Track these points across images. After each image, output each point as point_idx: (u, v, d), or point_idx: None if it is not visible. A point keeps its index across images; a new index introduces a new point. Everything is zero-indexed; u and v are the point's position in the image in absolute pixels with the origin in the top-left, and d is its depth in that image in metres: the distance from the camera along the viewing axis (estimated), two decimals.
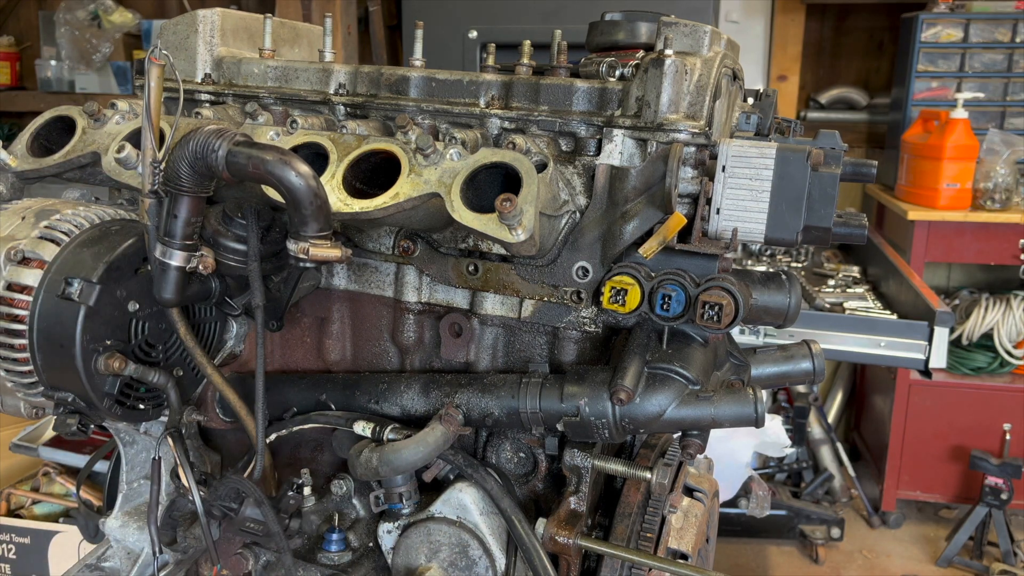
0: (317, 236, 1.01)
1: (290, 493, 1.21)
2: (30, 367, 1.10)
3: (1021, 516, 3.98)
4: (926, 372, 2.75)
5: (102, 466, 1.95)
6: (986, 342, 3.79)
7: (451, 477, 1.22)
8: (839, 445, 4.09)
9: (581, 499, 1.14)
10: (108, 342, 1.11)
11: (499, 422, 1.15)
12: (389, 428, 1.15)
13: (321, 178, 1.02)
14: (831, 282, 3.45)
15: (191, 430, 1.24)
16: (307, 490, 1.24)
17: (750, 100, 1.33)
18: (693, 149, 1.08)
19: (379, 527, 1.22)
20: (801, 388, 4.05)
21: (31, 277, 1.09)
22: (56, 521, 2.55)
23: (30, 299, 1.09)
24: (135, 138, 1.17)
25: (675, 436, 1.27)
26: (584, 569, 1.17)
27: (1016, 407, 3.66)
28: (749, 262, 3.51)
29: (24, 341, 1.09)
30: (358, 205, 1.05)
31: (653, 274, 1.08)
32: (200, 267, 1.07)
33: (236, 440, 1.38)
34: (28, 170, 1.26)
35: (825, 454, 4.07)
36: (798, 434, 3.90)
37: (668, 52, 1.06)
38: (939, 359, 2.67)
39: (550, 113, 1.16)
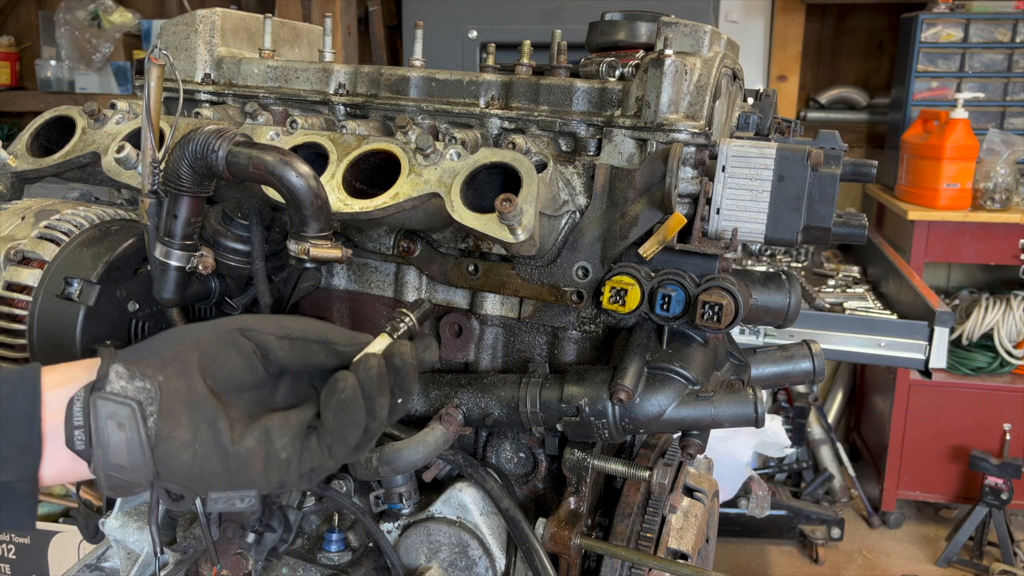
0: (317, 236, 1.01)
1: None
2: None
3: (1021, 516, 3.98)
4: (926, 372, 2.75)
5: None
6: (986, 342, 3.79)
7: (451, 477, 1.22)
8: (839, 445, 4.09)
9: (581, 499, 1.14)
10: (108, 342, 1.11)
11: (499, 422, 1.15)
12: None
13: (321, 178, 1.01)
14: (831, 282, 3.45)
15: None
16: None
17: (750, 100, 1.33)
18: (693, 149, 1.08)
19: (379, 527, 1.22)
20: (801, 388, 4.05)
21: (31, 277, 1.09)
22: (56, 521, 2.56)
23: (30, 299, 1.09)
24: (135, 138, 1.17)
25: (675, 436, 1.27)
26: (584, 569, 1.17)
27: (1016, 407, 3.67)
28: (749, 262, 3.51)
29: (24, 341, 1.09)
30: (358, 205, 1.05)
31: (653, 274, 1.07)
32: (200, 267, 1.07)
33: None
34: (28, 170, 1.26)
35: (825, 454, 4.07)
36: (798, 434, 3.91)
37: (668, 52, 1.06)
38: (939, 359, 2.67)
39: (550, 113, 1.16)
